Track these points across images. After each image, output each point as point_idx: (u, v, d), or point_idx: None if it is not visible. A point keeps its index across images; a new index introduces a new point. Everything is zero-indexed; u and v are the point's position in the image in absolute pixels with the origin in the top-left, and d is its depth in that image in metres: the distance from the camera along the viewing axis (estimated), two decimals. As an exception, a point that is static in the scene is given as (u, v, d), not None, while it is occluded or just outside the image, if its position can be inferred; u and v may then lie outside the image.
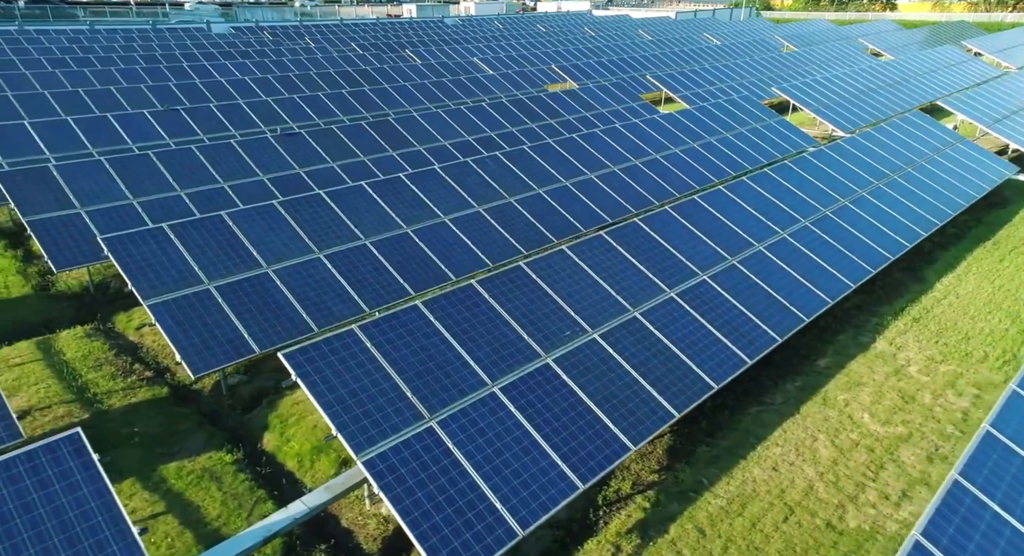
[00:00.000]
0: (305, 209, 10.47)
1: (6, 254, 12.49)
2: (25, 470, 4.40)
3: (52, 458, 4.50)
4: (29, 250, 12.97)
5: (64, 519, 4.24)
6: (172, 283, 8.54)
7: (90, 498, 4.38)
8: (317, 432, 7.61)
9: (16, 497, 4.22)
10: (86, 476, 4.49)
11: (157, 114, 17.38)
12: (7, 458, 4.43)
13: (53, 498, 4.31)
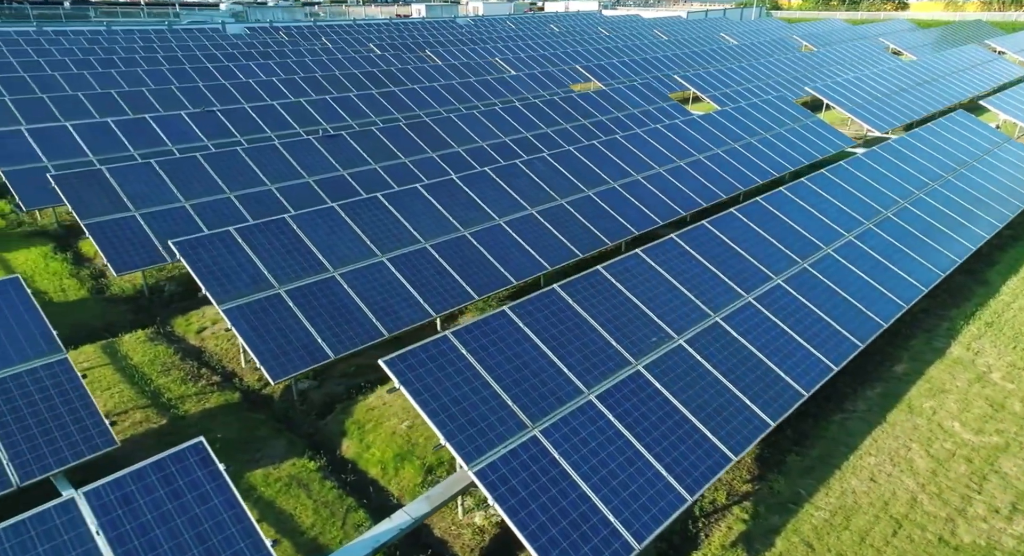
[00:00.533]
0: (365, 212, 10.40)
1: (56, 257, 12.47)
2: (157, 480, 4.33)
3: (181, 467, 4.44)
4: (78, 252, 12.96)
5: (200, 530, 4.17)
6: (244, 287, 8.48)
7: (222, 509, 4.31)
8: (396, 439, 7.53)
9: (153, 507, 4.16)
10: (215, 486, 4.42)
11: (193, 115, 17.36)
12: (140, 467, 4.36)
13: (187, 509, 4.24)
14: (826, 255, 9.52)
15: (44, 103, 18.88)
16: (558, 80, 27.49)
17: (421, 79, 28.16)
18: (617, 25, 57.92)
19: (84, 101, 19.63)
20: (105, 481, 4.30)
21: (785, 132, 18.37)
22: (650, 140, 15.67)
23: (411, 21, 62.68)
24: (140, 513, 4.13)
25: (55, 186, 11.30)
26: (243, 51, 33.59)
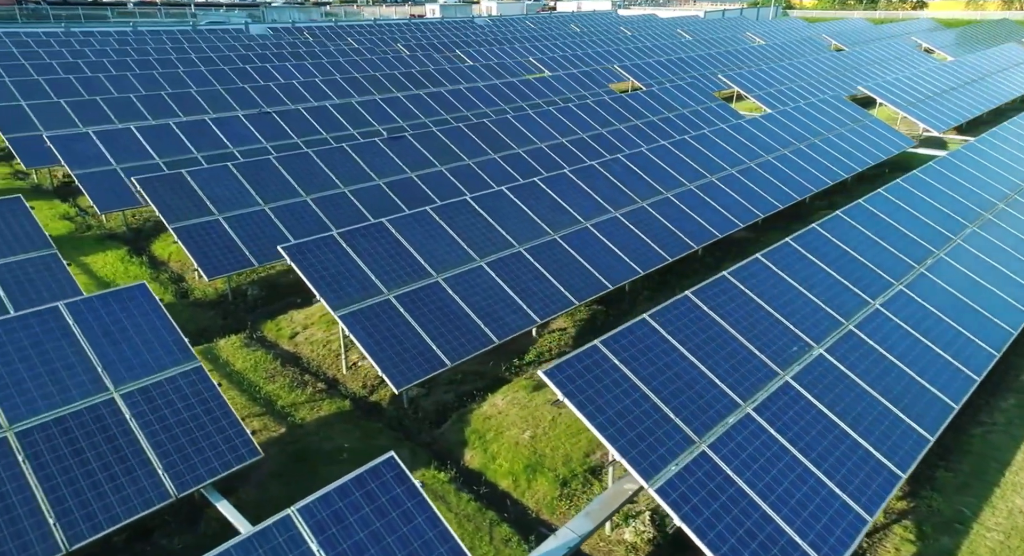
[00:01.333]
0: (457, 215, 10.24)
1: (133, 260, 12.39)
2: (361, 497, 4.17)
3: (380, 484, 4.28)
4: (152, 256, 12.88)
5: (411, 550, 4.01)
6: (355, 293, 8.33)
7: (426, 528, 4.15)
8: (521, 449, 7.36)
9: (363, 525, 4.00)
10: (415, 504, 4.27)
11: (250, 117, 17.27)
12: (343, 483, 4.21)
13: (395, 527, 4.09)
14: (940, 259, 9.28)
15: (98, 105, 18.84)
16: (597, 80, 27.23)
17: (459, 80, 28.01)
18: (637, 25, 57.49)
19: (136, 103, 19.58)
20: (315, 497, 4.14)
21: (846, 132, 18.08)
22: (718, 141, 15.43)
23: (429, 21, 62.54)
24: (353, 532, 3.97)
25: (139, 189, 11.21)
26: (275, 52, 33.55)
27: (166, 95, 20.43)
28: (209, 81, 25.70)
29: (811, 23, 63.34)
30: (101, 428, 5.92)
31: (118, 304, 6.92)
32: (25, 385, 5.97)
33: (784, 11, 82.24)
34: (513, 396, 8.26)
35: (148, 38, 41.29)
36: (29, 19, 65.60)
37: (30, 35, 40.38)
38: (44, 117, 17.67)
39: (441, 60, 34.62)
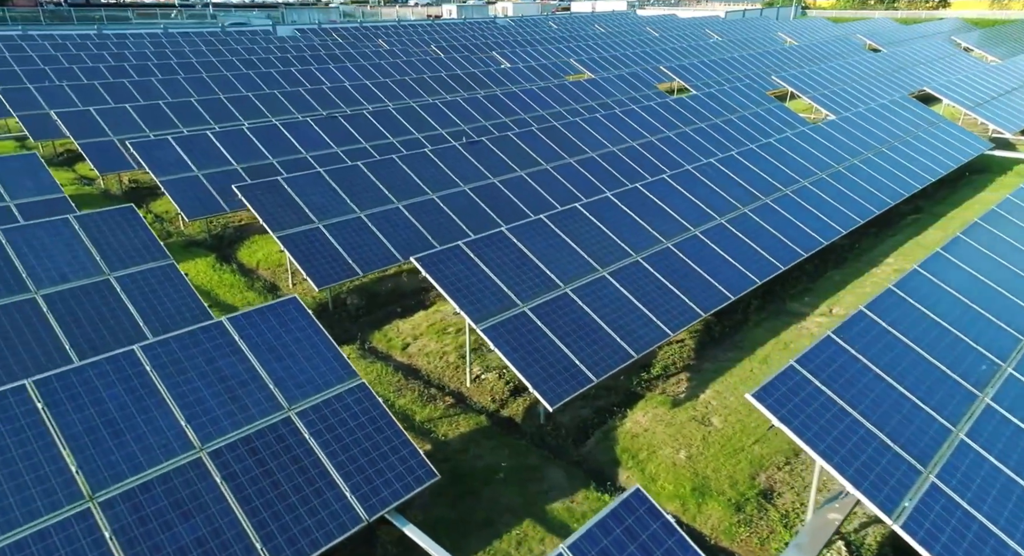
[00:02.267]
0: (570, 223, 9.97)
1: (223, 268, 12.21)
2: (622, 533, 3.92)
3: (636, 519, 4.02)
4: (240, 264, 12.69)
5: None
6: (492, 305, 8.09)
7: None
8: (681, 470, 7.08)
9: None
10: (675, 542, 4.00)
11: (319, 121, 17.08)
12: (602, 518, 3.94)
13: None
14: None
15: (161, 109, 18.71)
16: (644, 81, 26.89)
17: (506, 82, 27.78)
18: (661, 25, 56.97)
19: (197, 107, 19.45)
20: (579, 535, 3.89)
21: (923, 134, 17.70)
22: (802, 143, 15.11)
23: (451, 22, 62.33)
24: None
25: (241, 196, 11.03)
26: (312, 54, 33.44)
27: (225, 99, 20.27)
28: (259, 84, 25.58)
29: (837, 23, 62.74)
30: (284, 448, 5.70)
31: (275, 318, 6.70)
32: (208, 403, 5.75)
33: (803, 11, 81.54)
34: (653, 412, 7.98)
35: (181, 40, 41.31)
36: (52, 21, 65.90)
37: (65, 38, 40.52)
38: (111, 122, 17.55)
39: (479, 61, 34.36)
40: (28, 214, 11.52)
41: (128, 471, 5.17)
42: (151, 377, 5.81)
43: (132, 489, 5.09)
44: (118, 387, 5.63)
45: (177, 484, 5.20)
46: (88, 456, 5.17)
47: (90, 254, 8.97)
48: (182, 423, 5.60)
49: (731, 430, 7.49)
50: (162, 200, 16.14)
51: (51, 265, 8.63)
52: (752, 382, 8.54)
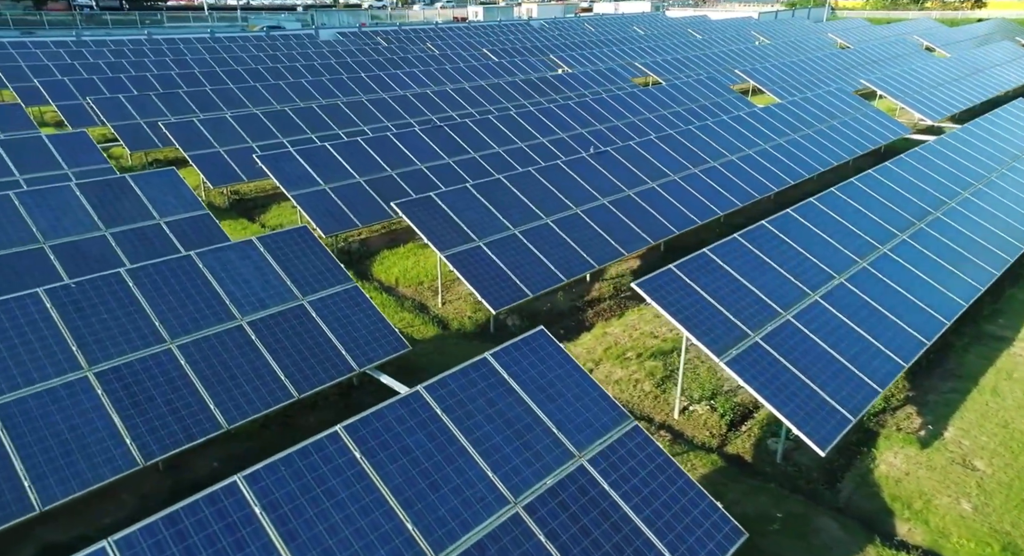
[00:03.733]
0: (764, 243, 9.49)
1: (366, 286, 11.86)
2: None
3: None
4: (379, 282, 12.32)
5: None
6: (726, 336, 7.64)
7: None
8: (971, 525, 6.52)
9: None
10: None
11: (425, 131, 16.72)
12: None
13: None
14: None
15: (259, 120, 18.44)
16: (721, 83, 26.27)
17: (577, 87, 27.32)
18: (699, 27, 56.07)
19: (292, 116, 19.16)
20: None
21: (1049, 144, 17.03)
22: (934, 159, 14.52)
23: (489, 24, 61.95)
24: None
25: (400, 212, 10.65)
26: (372, 59, 33.21)
27: (317, 107, 19.97)
28: (334, 91, 25.33)
29: (878, 24, 61.67)
30: (591, 502, 5.27)
31: (532, 352, 6.28)
32: (504, 451, 5.34)
33: (833, 12, 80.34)
34: (903, 453, 7.43)
35: (232, 45, 41.29)
36: (87, 24, 66.28)
37: (119, 43, 40.60)
38: (215, 133, 17.32)
39: (540, 65, 33.88)
40: (178, 232, 11.23)
41: (459, 529, 4.76)
42: (443, 421, 5.42)
43: (467, 549, 4.69)
44: (419, 433, 5.23)
45: (507, 544, 4.79)
46: (417, 511, 4.77)
47: (280, 278, 8.63)
48: (488, 474, 5.19)
49: (1005, 476, 6.97)
50: (272, 212, 15.85)
51: (248, 290, 8.29)
52: (995, 417, 8.01)
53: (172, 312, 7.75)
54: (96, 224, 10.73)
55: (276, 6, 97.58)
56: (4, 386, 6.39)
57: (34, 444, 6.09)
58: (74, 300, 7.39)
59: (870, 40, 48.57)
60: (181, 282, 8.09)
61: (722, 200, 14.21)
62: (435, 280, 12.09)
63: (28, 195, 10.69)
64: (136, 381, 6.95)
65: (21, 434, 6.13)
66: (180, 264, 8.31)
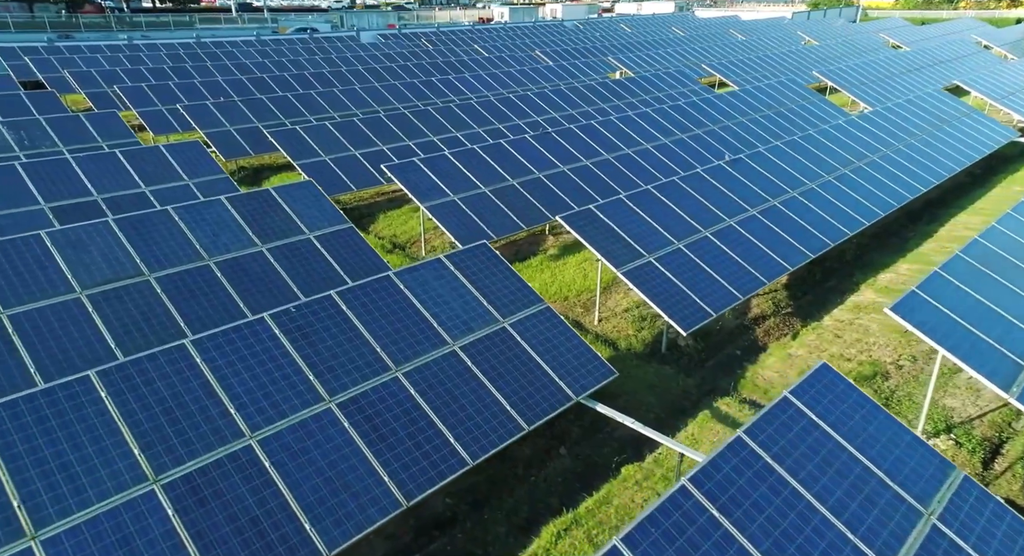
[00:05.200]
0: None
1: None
2: None
3: None
4: (526, 295, 11.95)
5: None
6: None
7: None
8: None
9: None
10: None
11: (536, 138, 16.35)
12: None
13: None
14: None
15: (356, 126, 18.17)
16: (799, 84, 25.65)
17: (652, 90, 26.87)
18: (740, 28, 55.16)
19: (387, 122, 18.87)
20: None
21: None
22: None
23: (521, 24, 61.51)
24: None
25: (568, 226, 10.27)
26: (431, 62, 32.90)
27: (410, 113, 19.66)
28: (408, 97, 25.03)
29: (918, 25, 60.53)
30: None
31: (830, 393, 5.88)
32: (850, 507, 4.94)
33: (865, 12, 79.07)
34: None
35: (283, 47, 41.12)
36: (122, 27, 66.57)
37: (169, 47, 40.59)
38: (318, 140, 17.06)
39: (600, 65, 33.39)
40: (328, 246, 10.92)
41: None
42: (774, 467, 5.03)
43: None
44: (762, 488, 4.85)
45: None
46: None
47: (477, 298, 8.28)
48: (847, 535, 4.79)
49: None
50: (381, 223, 15.55)
51: (450, 311, 7.94)
52: None
53: (388, 337, 7.41)
54: (252, 240, 10.46)
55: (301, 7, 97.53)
56: (260, 419, 6.09)
57: (303, 482, 5.78)
58: (298, 325, 7.07)
59: (922, 39, 47.60)
60: (388, 304, 7.76)
61: (864, 210, 13.69)
62: (580, 294, 11.70)
63: (185, 210, 10.43)
64: (376, 413, 6.61)
65: (288, 472, 5.81)
66: (382, 285, 7.98)
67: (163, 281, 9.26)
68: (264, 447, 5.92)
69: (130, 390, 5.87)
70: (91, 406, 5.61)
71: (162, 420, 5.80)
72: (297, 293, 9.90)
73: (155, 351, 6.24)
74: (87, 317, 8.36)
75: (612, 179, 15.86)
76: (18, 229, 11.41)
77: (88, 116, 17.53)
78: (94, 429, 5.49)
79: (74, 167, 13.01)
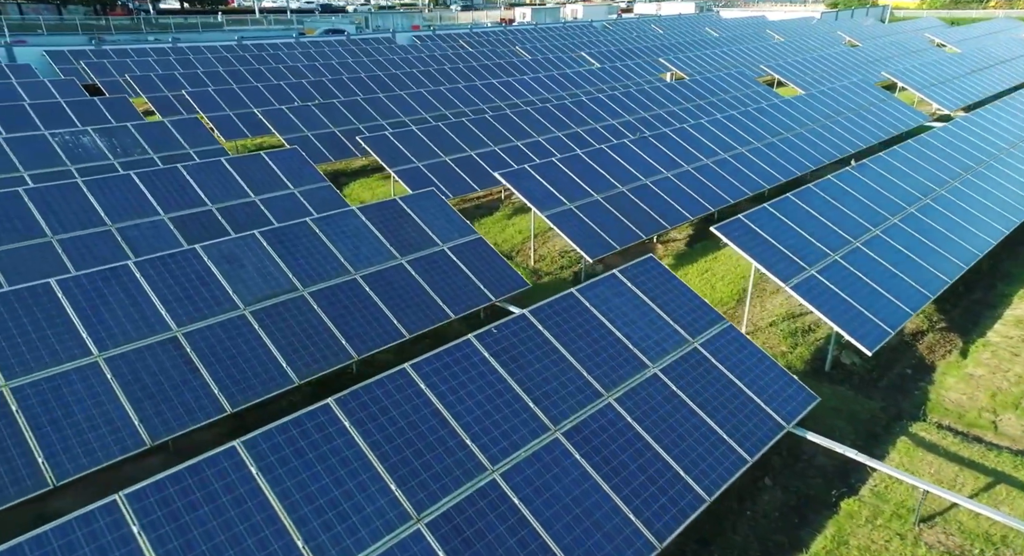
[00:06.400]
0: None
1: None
2: None
3: None
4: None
5: None
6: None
7: None
8: None
9: None
10: None
11: (636, 143, 15.95)
12: None
13: None
14: None
15: (443, 132, 17.85)
16: (869, 83, 25.03)
17: (717, 92, 26.40)
18: (773, 28, 54.34)
19: (472, 128, 18.51)
20: None
21: None
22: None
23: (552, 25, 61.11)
24: None
25: (725, 237, 9.88)
26: (481, 64, 32.60)
27: (491, 118, 19.33)
28: (474, 100, 24.71)
29: (951, 25, 59.54)
30: None
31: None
32: None
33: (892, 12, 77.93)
34: None
35: (326, 49, 40.91)
36: (152, 29, 66.77)
37: (211, 50, 40.52)
38: (409, 146, 16.75)
39: (648, 67, 32.89)
40: (463, 259, 10.55)
41: None
42: None
43: None
44: None
45: None
46: None
47: (662, 317, 7.90)
48: None
49: None
50: (481, 230, 15.21)
51: (640, 332, 7.56)
52: None
53: (590, 359, 7.03)
54: (391, 252, 10.13)
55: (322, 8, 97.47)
56: (496, 450, 5.74)
57: (554, 521, 5.40)
58: (504, 348, 6.71)
59: (967, 39, 46.65)
60: (579, 323, 7.39)
61: (997, 216, 13.14)
62: (718, 306, 11.30)
63: (323, 222, 10.12)
64: (601, 443, 6.24)
65: (538, 510, 5.45)
66: (569, 303, 7.62)
67: (317, 296, 8.95)
68: (508, 482, 5.57)
69: (369, 420, 5.55)
70: (340, 437, 5.29)
71: (406, 452, 5.47)
72: (444, 309, 9.56)
73: (382, 377, 5.91)
74: (255, 335, 8.07)
75: (715, 184, 15.43)
76: (149, 240, 11.17)
77: (173, 122, 17.33)
78: (349, 462, 5.17)
79: (185, 176, 12.78)
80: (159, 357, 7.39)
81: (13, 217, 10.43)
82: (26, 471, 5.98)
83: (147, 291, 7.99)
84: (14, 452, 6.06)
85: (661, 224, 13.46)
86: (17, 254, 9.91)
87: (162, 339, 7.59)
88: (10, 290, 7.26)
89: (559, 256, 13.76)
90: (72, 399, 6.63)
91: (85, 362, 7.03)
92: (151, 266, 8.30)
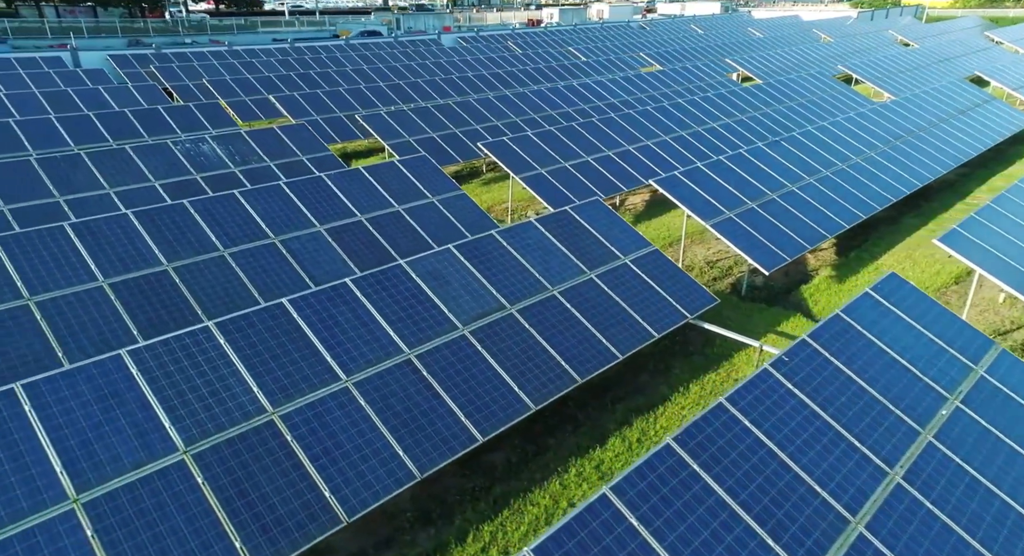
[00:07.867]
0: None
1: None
2: None
3: None
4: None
5: None
6: None
7: None
8: None
9: None
10: None
11: (751, 151, 15.43)
12: None
13: None
14: None
15: (556, 137, 17.41)
16: (965, 83, 24.27)
17: (804, 93, 25.77)
18: (827, 29, 53.35)
19: (583, 132, 18.07)
20: None
21: None
22: None
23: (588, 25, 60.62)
24: None
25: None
26: (534, 67, 32.01)
27: (578, 126, 18.83)
28: (558, 103, 24.26)
29: (999, 22, 58.23)
30: None
31: None
32: None
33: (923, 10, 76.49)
34: None
35: (381, 52, 40.63)
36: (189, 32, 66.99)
37: (267, 52, 40.44)
38: (528, 152, 16.33)
39: (714, 68, 32.18)
40: (646, 271, 10.07)
41: None
42: None
43: None
44: None
45: None
46: None
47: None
48: None
49: None
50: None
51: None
52: None
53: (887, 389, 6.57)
54: (579, 266, 9.65)
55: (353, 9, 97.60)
56: (849, 500, 5.29)
57: None
58: (803, 378, 6.27)
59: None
60: (859, 347, 6.93)
61: None
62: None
63: (509, 234, 9.67)
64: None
65: None
66: (841, 327, 7.16)
67: (524, 314, 8.53)
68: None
69: (714, 462, 5.11)
70: (696, 483, 4.85)
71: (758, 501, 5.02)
72: (646, 327, 9.09)
73: (706, 413, 5.47)
74: (480, 356, 7.65)
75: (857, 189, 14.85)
76: (311, 253, 10.82)
77: (283, 128, 17.07)
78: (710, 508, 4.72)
79: (329, 185, 12.45)
80: (401, 382, 7.01)
81: (184, 229, 10.13)
82: (318, 506, 5.62)
83: (371, 310, 7.62)
84: (302, 486, 5.69)
85: (819, 232, 12.93)
86: (196, 269, 9.61)
87: (399, 362, 7.21)
88: (252, 311, 6.92)
89: (707, 266, 13.26)
90: (337, 428, 6.27)
91: (336, 387, 6.66)
92: (367, 283, 7.93)
